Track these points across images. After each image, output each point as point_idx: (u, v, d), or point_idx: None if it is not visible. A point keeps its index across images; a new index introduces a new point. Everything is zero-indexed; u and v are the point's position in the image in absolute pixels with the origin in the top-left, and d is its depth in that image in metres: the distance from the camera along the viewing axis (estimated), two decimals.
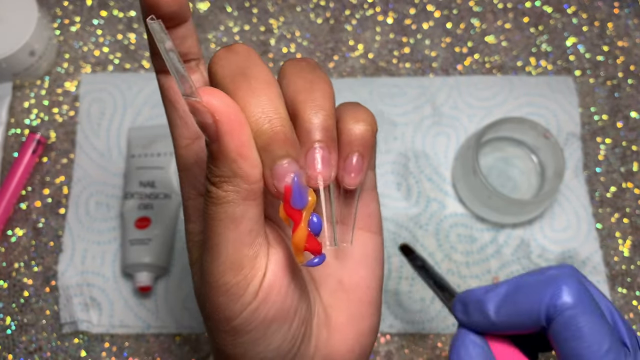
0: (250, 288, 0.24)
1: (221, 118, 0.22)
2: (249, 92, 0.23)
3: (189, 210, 0.28)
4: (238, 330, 0.25)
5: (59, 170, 0.53)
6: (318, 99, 0.25)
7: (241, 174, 0.23)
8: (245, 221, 0.23)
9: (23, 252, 0.50)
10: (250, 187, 0.23)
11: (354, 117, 0.26)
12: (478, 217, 0.51)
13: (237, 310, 0.24)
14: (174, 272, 0.49)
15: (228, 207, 0.23)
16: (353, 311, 0.29)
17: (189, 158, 0.28)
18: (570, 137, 0.54)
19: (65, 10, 0.58)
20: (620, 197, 0.53)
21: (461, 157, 0.52)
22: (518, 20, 0.58)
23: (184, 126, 0.28)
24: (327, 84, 0.26)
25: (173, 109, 0.28)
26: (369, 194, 0.30)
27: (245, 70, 0.24)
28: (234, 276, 0.24)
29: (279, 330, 0.25)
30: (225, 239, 0.24)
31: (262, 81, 0.24)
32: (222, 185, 0.23)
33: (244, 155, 0.22)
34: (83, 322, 0.47)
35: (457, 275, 0.50)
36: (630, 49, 0.57)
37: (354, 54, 0.57)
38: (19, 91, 0.55)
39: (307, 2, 0.59)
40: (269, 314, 0.25)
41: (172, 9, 0.24)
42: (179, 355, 0.48)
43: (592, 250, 0.51)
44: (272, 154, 0.23)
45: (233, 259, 0.24)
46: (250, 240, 0.24)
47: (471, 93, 0.55)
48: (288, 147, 0.23)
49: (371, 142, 0.26)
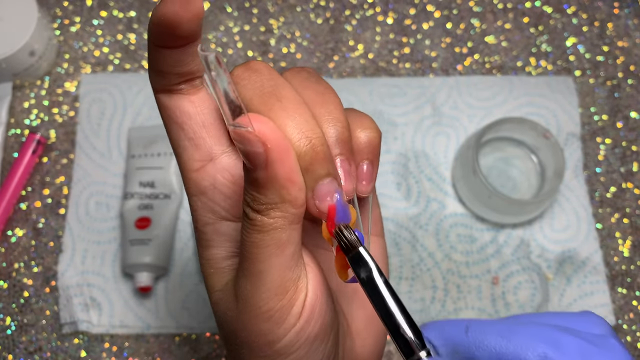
0: (294, 310, 0.24)
1: (272, 146, 0.21)
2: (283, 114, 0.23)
3: (207, 236, 0.26)
4: (281, 354, 0.24)
5: (59, 170, 0.53)
6: (333, 111, 0.25)
7: (289, 199, 0.22)
8: (290, 245, 0.23)
9: (23, 253, 0.50)
10: (297, 211, 0.23)
11: (360, 125, 0.26)
12: (478, 217, 0.51)
13: (280, 334, 0.24)
14: (174, 272, 0.49)
15: (275, 233, 0.23)
16: (368, 315, 0.29)
17: (204, 182, 0.26)
18: (570, 137, 0.54)
19: (65, 10, 0.58)
20: (620, 197, 0.53)
21: (461, 157, 0.52)
22: (518, 20, 0.58)
23: (194, 148, 0.26)
24: (335, 94, 0.26)
25: (180, 130, 0.26)
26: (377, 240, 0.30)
27: (274, 91, 0.23)
28: (279, 301, 0.23)
29: (319, 347, 0.25)
30: (271, 265, 0.23)
31: (293, 101, 0.23)
32: (269, 213, 0.22)
33: (293, 180, 0.22)
34: (83, 322, 0.47)
35: (457, 275, 0.50)
36: (630, 49, 0.57)
37: (354, 54, 0.57)
38: (19, 91, 0.55)
39: (307, 2, 0.59)
40: (312, 332, 0.25)
41: (192, 27, 0.22)
42: (179, 355, 0.48)
43: (592, 250, 0.51)
44: (315, 174, 0.23)
45: (278, 284, 0.23)
46: (293, 263, 0.24)
47: (471, 93, 0.55)
48: (328, 165, 0.23)
49: (379, 148, 0.27)
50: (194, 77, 0.25)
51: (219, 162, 0.26)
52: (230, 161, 0.26)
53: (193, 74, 0.25)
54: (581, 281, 0.50)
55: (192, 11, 0.22)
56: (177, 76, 0.25)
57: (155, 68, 0.25)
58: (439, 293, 0.49)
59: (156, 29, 0.22)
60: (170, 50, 0.23)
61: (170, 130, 0.26)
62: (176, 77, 0.25)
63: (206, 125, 0.25)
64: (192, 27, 0.22)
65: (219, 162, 0.26)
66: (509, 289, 0.49)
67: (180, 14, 0.22)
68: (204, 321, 0.48)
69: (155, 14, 0.22)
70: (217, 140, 0.26)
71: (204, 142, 0.25)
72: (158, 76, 0.25)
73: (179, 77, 0.25)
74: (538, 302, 0.49)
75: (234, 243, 0.26)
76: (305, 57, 0.57)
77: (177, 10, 0.22)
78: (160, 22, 0.22)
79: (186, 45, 0.23)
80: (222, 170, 0.26)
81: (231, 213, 0.26)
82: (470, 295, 0.49)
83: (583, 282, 0.50)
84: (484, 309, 0.49)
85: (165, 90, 0.25)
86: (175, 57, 0.24)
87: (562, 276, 0.50)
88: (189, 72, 0.25)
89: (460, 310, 0.49)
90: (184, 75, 0.25)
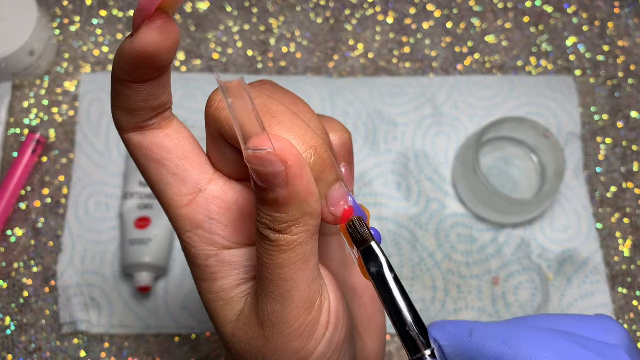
0: (322, 320, 0.24)
1: (292, 163, 0.21)
2: (282, 129, 0.22)
3: (212, 269, 0.25)
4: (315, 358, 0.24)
5: (58, 170, 0.53)
6: (312, 119, 0.25)
7: (310, 212, 0.22)
8: (313, 257, 0.23)
9: (23, 252, 0.50)
10: (317, 222, 0.23)
11: (331, 129, 0.27)
12: (478, 217, 0.51)
13: (312, 348, 0.23)
14: (174, 272, 0.49)
15: (300, 249, 0.22)
16: (370, 312, 0.30)
17: (199, 215, 0.25)
18: (571, 137, 0.54)
19: (65, 10, 0.58)
20: (621, 197, 0.53)
21: (461, 157, 0.51)
22: (518, 20, 0.58)
23: (180, 183, 0.24)
24: (305, 102, 0.26)
25: (160, 168, 0.24)
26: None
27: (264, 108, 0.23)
28: (309, 314, 0.23)
29: (347, 350, 0.25)
30: (299, 282, 0.23)
31: (286, 114, 0.23)
32: (292, 230, 0.22)
33: (312, 192, 0.22)
34: (83, 322, 0.47)
35: (457, 275, 0.50)
36: (631, 49, 0.57)
37: (354, 53, 0.57)
38: (19, 91, 0.55)
39: (307, 1, 0.59)
40: (341, 337, 0.24)
41: (171, 56, 0.21)
42: (179, 355, 0.48)
43: (593, 250, 0.51)
44: (327, 181, 0.23)
45: (306, 298, 0.23)
46: (317, 274, 0.24)
47: (471, 93, 0.55)
48: (336, 170, 0.23)
49: (352, 147, 0.27)
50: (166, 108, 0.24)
51: (209, 192, 0.25)
52: (219, 188, 0.25)
53: (166, 104, 0.24)
54: (582, 281, 0.50)
55: (172, 38, 0.21)
56: (149, 111, 0.23)
57: (124, 107, 0.23)
58: (439, 293, 0.49)
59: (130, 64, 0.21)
60: (142, 85, 0.22)
61: (148, 170, 0.24)
62: (148, 112, 0.23)
63: (187, 156, 0.24)
64: (172, 55, 0.21)
65: (209, 191, 0.25)
66: (509, 289, 0.49)
67: (160, 44, 0.20)
68: (204, 321, 0.48)
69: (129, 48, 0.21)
70: (201, 170, 0.25)
71: (189, 174, 0.24)
72: (127, 115, 0.23)
73: (152, 112, 0.23)
74: (538, 302, 0.49)
75: (241, 270, 0.25)
76: (305, 56, 0.57)
77: (157, 41, 0.20)
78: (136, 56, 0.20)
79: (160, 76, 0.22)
80: (214, 199, 0.25)
81: (232, 241, 0.25)
82: (470, 296, 0.49)
83: (584, 282, 0.50)
84: (484, 309, 0.49)
85: (136, 129, 0.24)
86: (148, 90, 0.22)
87: (563, 276, 0.50)
88: (162, 105, 0.23)
89: (461, 311, 0.49)
90: (156, 108, 0.23)
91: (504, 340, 0.21)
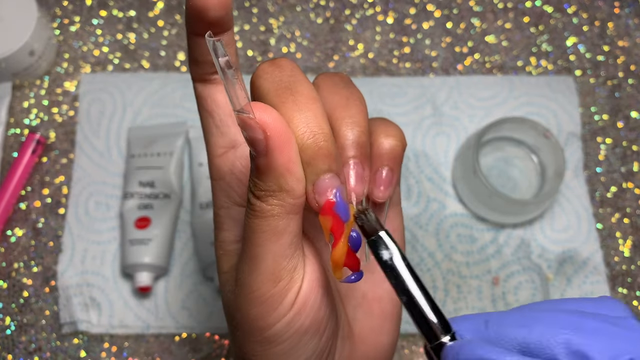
0: (286, 299, 0.24)
1: (272, 134, 0.22)
2: (294, 107, 0.23)
3: (221, 219, 0.28)
4: (271, 341, 0.25)
5: (58, 170, 0.53)
6: (354, 115, 0.26)
7: (287, 189, 0.23)
8: (286, 234, 0.24)
9: (23, 252, 0.50)
10: (294, 201, 0.23)
11: (385, 132, 0.27)
12: (478, 217, 0.51)
13: (271, 322, 0.24)
14: (174, 272, 0.49)
15: (272, 220, 0.23)
16: (374, 325, 0.29)
17: (224, 167, 0.28)
18: (571, 137, 0.54)
19: (65, 10, 0.58)
20: (621, 197, 0.53)
21: (461, 157, 0.51)
22: (518, 20, 0.58)
23: (219, 135, 0.28)
24: (361, 100, 0.26)
25: (209, 118, 0.28)
26: (394, 210, 0.30)
27: (291, 85, 0.24)
28: (272, 287, 0.24)
29: (310, 342, 0.25)
30: (266, 251, 0.24)
31: (307, 97, 0.24)
32: (267, 199, 0.23)
33: (291, 170, 0.23)
34: (83, 322, 0.47)
35: (457, 276, 0.50)
36: (631, 49, 0.57)
37: (354, 53, 0.57)
38: (19, 91, 0.55)
39: (307, 2, 0.59)
40: (303, 325, 0.25)
41: (220, 14, 0.24)
42: (179, 355, 0.48)
43: (593, 250, 0.51)
44: (316, 168, 0.23)
45: (272, 271, 0.24)
46: (290, 252, 0.24)
47: (471, 93, 0.55)
48: (331, 161, 0.23)
49: (401, 156, 0.27)
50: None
51: (240, 150, 0.28)
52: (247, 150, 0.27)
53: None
54: (582, 281, 0.50)
55: None
56: (210, 65, 0.26)
57: (192, 57, 0.26)
58: (439, 293, 0.49)
59: (189, 16, 0.24)
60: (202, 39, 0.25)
61: (202, 117, 0.28)
62: (209, 67, 0.26)
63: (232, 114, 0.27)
64: (219, 14, 0.24)
65: (240, 150, 0.28)
66: (509, 289, 0.49)
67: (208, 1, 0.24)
68: (204, 321, 0.48)
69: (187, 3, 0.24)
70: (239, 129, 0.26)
71: (229, 130, 0.27)
72: (194, 65, 0.27)
73: (212, 67, 0.26)
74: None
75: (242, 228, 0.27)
76: (305, 56, 0.57)
77: None
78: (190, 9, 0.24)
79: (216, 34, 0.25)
80: (241, 157, 0.27)
81: (243, 199, 0.27)
82: (470, 296, 0.49)
83: (584, 282, 0.50)
84: (484, 309, 0.49)
85: (201, 80, 0.27)
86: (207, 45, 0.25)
87: (563, 276, 0.50)
88: None
89: (460, 310, 0.49)
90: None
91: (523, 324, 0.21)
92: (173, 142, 0.52)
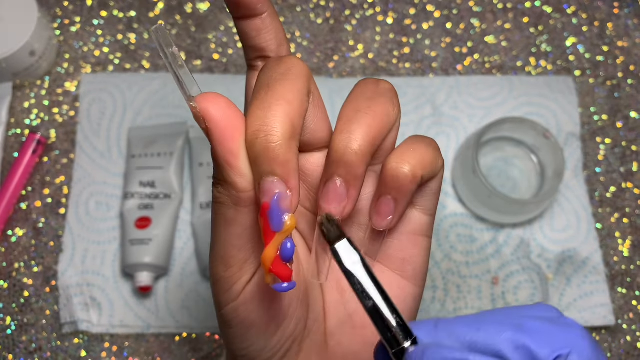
0: (235, 287, 0.25)
1: (210, 125, 0.22)
2: (260, 104, 0.23)
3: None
4: (224, 321, 0.26)
5: (59, 170, 0.53)
6: (354, 131, 0.24)
7: (229, 181, 0.23)
8: (236, 225, 0.24)
9: (23, 252, 0.50)
10: (237, 194, 0.23)
11: (399, 156, 0.25)
12: (478, 217, 0.51)
13: (223, 302, 0.26)
14: (174, 272, 0.50)
15: (221, 207, 0.24)
16: (354, 349, 0.28)
17: None
18: (570, 137, 0.54)
19: (66, 10, 0.58)
20: (620, 197, 0.53)
21: (461, 157, 0.52)
22: (518, 20, 0.58)
23: None
24: (377, 116, 0.24)
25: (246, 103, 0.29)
26: (410, 238, 0.27)
27: (271, 83, 0.23)
28: (224, 270, 0.25)
29: (258, 337, 0.26)
30: (218, 235, 0.25)
31: (278, 96, 0.23)
32: (217, 187, 0.24)
33: (230, 163, 0.23)
34: (83, 322, 0.47)
35: (457, 275, 0.50)
36: (630, 49, 0.57)
37: (354, 54, 0.57)
38: (19, 91, 0.55)
39: (307, 2, 0.59)
40: (248, 318, 0.26)
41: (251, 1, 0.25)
42: (179, 355, 0.48)
43: (592, 250, 0.51)
44: (260, 168, 0.22)
45: (222, 255, 0.25)
46: (239, 243, 0.24)
47: (471, 93, 0.55)
48: (276, 165, 0.22)
49: (408, 187, 0.24)
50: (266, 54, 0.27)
51: None
52: None
53: (263, 50, 0.26)
54: (581, 281, 0.50)
55: None
56: (250, 50, 0.27)
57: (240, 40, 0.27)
58: (439, 293, 0.49)
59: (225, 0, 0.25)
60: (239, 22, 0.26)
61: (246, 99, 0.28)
62: (250, 51, 0.27)
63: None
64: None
65: None
66: (509, 289, 0.49)
67: None
68: (204, 321, 0.48)
69: None
70: None
71: None
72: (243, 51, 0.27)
73: (253, 52, 0.27)
74: (538, 302, 0.49)
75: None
76: (305, 57, 0.57)
77: None
78: None
79: (247, 17, 0.26)
80: None
81: None
82: (470, 295, 0.49)
83: (583, 282, 0.50)
84: (484, 309, 0.49)
85: (248, 66, 0.27)
86: (241, 29, 0.26)
87: (562, 276, 0.50)
88: (258, 48, 0.26)
89: (460, 310, 0.49)
90: (255, 50, 0.26)
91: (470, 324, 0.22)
92: (173, 142, 0.52)
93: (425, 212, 0.27)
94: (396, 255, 0.28)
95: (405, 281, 0.28)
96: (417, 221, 0.27)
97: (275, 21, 0.26)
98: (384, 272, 0.28)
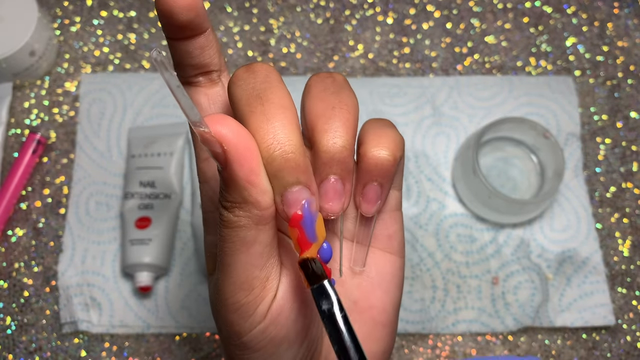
0: (260, 308, 0.24)
1: (229, 148, 0.22)
2: (262, 117, 0.23)
3: (208, 223, 0.28)
4: (248, 347, 0.25)
5: (59, 170, 0.53)
6: (337, 128, 0.24)
7: (251, 201, 0.23)
8: (256, 244, 0.24)
9: (23, 252, 0.50)
10: (261, 212, 0.23)
11: (375, 143, 0.25)
12: (478, 217, 0.51)
13: (246, 329, 0.24)
14: (174, 272, 0.50)
15: (240, 231, 0.23)
16: (365, 332, 0.29)
17: (208, 171, 0.27)
18: (570, 137, 0.54)
19: (66, 10, 0.58)
20: (620, 197, 0.53)
21: (461, 157, 0.52)
22: (518, 20, 0.58)
23: None
24: (350, 108, 0.25)
25: None
26: (391, 215, 0.29)
27: (261, 93, 0.23)
28: (245, 296, 0.24)
29: (288, 350, 0.25)
30: (237, 260, 0.24)
31: (276, 105, 0.23)
32: (234, 210, 0.23)
33: (253, 182, 0.22)
34: (83, 322, 0.47)
35: (457, 275, 0.50)
36: (630, 49, 0.57)
37: (354, 54, 0.57)
38: (19, 91, 0.55)
39: (307, 2, 0.59)
40: (278, 335, 0.25)
41: (188, 17, 0.24)
42: (179, 355, 0.48)
43: (592, 250, 0.51)
44: (282, 180, 0.23)
45: (243, 280, 0.24)
46: (261, 262, 0.24)
47: (471, 93, 0.55)
48: (299, 173, 0.23)
49: (390, 170, 0.26)
50: (209, 70, 0.26)
51: None
52: None
53: (206, 66, 0.26)
54: (581, 281, 0.50)
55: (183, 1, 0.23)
56: (191, 68, 0.26)
57: (174, 60, 0.26)
58: (439, 293, 0.49)
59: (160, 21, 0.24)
60: (177, 42, 0.25)
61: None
62: (190, 69, 0.26)
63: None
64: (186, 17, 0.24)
65: None
66: (509, 289, 0.49)
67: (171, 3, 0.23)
68: (204, 321, 0.48)
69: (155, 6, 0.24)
70: None
71: None
72: (177, 68, 0.26)
73: (194, 69, 0.26)
74: (538, 302, 0.49)
75: None
76: (305, 57, 0.57)
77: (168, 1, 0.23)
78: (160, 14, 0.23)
79: (190, 37, 0.25)
80: None
81: None
82: (470, 295, 0.49)
83: (583, 282, 0.50)
84: (483, 308, 0.49)
85: (186, 82, 0.27)
86: (183, 49, 0.25)
87: (562, 276, 0.50)
88: (201, 65, 0.26)
89: (460, 310, 0.49)
90: (197, 67, 0.26)
91: None
92: (173, 142, 0.52)
93: (398, 187, 0.28)
94: (382, 233, 0.29)
95: (394, 256, 0.29)
96: (394, 198, 0.28)
97: (213, 33, 0.26)
98: (375, 253, 0.29)
